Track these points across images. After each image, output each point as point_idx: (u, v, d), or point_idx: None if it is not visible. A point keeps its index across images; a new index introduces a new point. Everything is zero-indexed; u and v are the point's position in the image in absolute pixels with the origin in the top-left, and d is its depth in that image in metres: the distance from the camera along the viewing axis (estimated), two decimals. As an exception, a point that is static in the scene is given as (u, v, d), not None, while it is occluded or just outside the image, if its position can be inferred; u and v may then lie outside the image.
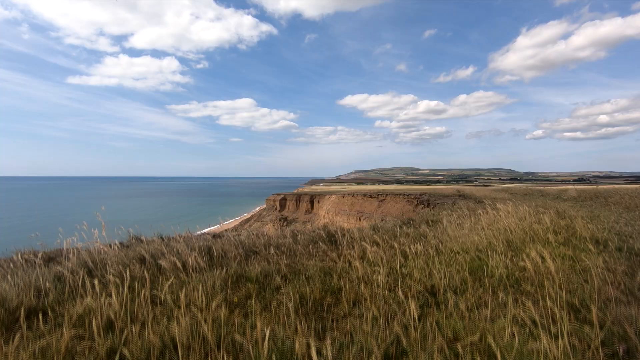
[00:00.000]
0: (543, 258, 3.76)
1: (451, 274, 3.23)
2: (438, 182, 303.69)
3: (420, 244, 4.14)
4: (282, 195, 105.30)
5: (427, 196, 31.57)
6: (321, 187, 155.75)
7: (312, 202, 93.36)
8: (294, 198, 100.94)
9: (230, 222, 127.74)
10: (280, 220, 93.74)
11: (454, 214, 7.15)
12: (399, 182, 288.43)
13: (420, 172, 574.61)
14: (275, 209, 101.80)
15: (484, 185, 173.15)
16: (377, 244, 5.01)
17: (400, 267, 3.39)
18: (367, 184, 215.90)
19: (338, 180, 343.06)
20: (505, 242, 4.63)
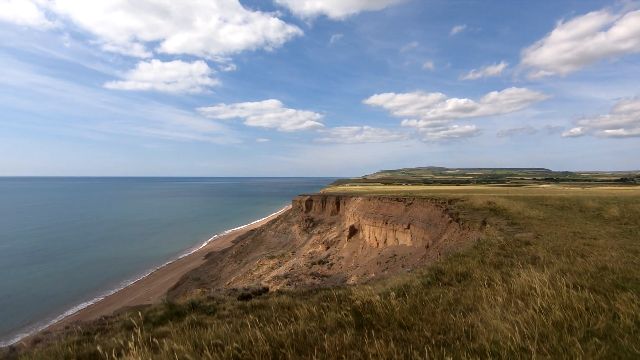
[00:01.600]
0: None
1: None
2: (468, 182, 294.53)
3: (449, 351, 4.01)
4: (309, 196, 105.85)
5: (456, 209, 30.70)
6: (347, 188, 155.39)
7: (337, 204, 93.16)
8: (320, 199, 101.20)
9: (258, 222, 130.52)
10: (306, 221, 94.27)
11: (485, 275, 6.94)
12: (427, 182, 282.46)
13: (449, 172, 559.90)
14: (302, 209, 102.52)
15: (516, 186, 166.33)
16: (404, 327, 4.96)
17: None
18: (393, 184, 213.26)
19: (364, 181, 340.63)
20: (540, 339, 4.44)
